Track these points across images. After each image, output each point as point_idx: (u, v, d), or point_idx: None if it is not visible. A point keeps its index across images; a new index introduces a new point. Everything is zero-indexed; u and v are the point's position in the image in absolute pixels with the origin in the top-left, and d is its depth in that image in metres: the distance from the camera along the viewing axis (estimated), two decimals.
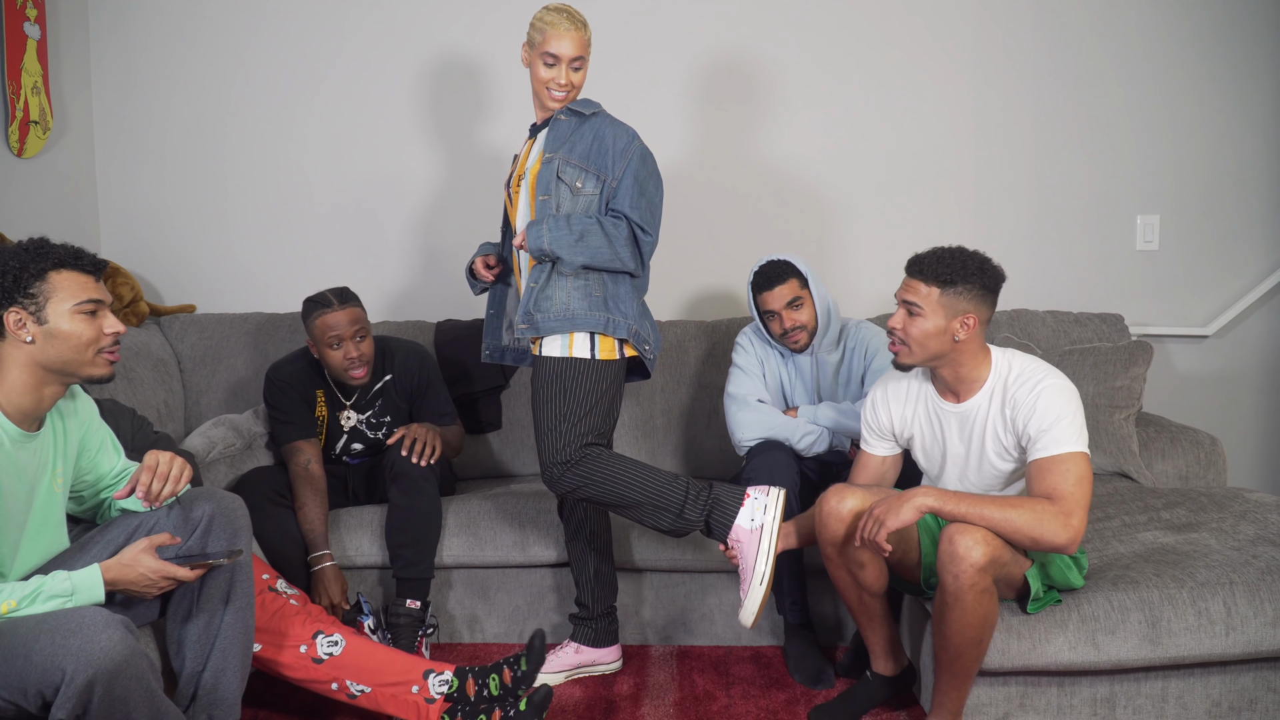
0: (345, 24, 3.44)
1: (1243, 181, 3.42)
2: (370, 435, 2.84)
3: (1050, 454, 1.99)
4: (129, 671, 1.59)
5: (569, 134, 2.37)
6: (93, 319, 1.80)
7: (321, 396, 2.79)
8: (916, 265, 2.11)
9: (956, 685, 2.05)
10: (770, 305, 2.65)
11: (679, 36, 3.41)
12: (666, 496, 2.28)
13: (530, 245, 2.31)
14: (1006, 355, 2.14)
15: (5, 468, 1.74)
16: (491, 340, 2.62)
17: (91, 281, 1.83)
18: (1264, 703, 2.15)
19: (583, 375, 2.31)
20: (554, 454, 2.28)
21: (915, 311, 2.07)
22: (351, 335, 2.67)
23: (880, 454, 2.32)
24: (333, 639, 2.20)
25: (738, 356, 2.77)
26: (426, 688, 2.16)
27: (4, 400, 1.76)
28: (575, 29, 2.36)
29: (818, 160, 3.45)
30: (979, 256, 2.10)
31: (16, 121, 3.03)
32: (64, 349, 1.78)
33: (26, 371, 1.77)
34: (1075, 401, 2.04)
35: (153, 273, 3.52)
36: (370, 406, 2.82)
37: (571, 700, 2.46)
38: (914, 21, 3.40)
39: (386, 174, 3.48)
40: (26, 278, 1.76)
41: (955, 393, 2.16)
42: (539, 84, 2.39)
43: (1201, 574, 2.14)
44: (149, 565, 1.78)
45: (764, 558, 2.22)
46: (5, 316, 1.75)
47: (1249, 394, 3.50)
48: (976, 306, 2.07)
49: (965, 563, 1.91)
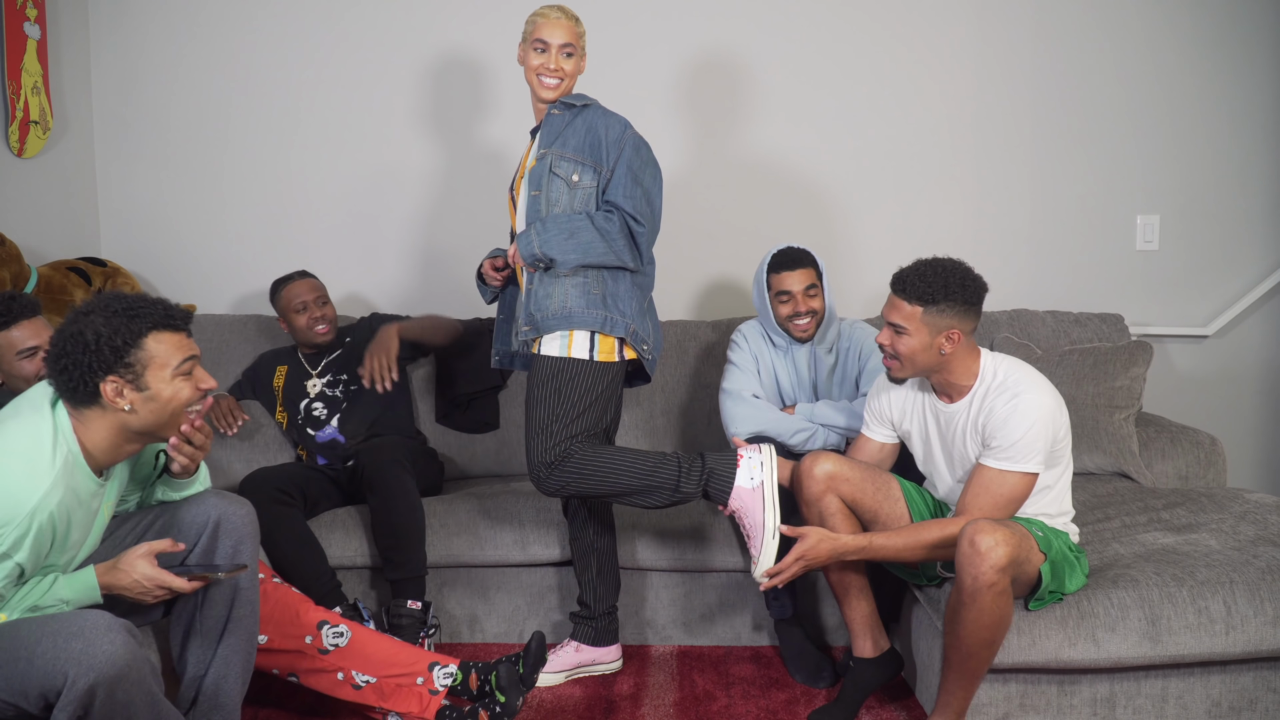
0: (345, 24, 3.44)
1: (1243, 181, 3.42)
2: (330, 393, 3.02)
3: (995, 466, 2.07)
4: (131, 677, 1.59)
5: (562, 128, 2.37)
6: (189, 379, 1.78)
7: (283, 371, 3.07)
8: (900, 283, 2.14)
9: (965, 685, 2.05)
10: (788, 286, 2.67)
11: (678, 33, 3.41)
12: (659, 475, 2.28)
13: (522, 253, 2.30)
14: (995, 361, 2.16)
15: (79, 520, 1.75)
16: (501, 345, 2.59)
17: (185, 339, 1.78)
18: (1264, 703, 2.15)
19: (579, 376, 2.30)
20: (542, 454, 2.27)
21: (900, 330, 2.12)
22: (314, 299, 3.00)
23: (879, 440, 2.36)
24: (338, 629, 2.20)
25: (733, 353, 2.77)
26: (431, 679, 2.17)
27: (89, 455, 1.74)
28: (566, 19, 2.39)
29: (817, 160, 3.45)
30: (960, 270, 2.13)
31: (16, 121, 3.03)
32: (161, 414, 1.75)
33: (114, 433, 1.75)
34: (1045, 422, 2.06)
35: (153, 273, 3.52)
36: (330, 370, 3.04)
37: (571, 700, 2.46)
38: (915, 20, 3.40)
39: (387, 174, 3.48)
40: (122, 346, 1.70)
41: (948, 395, 2.20)
42: (531, 73, 2.38)
43: (1201, 573, 2.14)
44: (144, 572, 1.77)
45: (770, 511, 2.22)
46: (102, 386, 1.70)
47: (1249, 394, 3.50)
48: (959, 321, 2.10)
49: (986, 562, 1.92)
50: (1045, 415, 2.06)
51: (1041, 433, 2.05)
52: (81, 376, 1.68)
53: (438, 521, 2.73)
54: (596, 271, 2.34)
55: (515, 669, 2.21)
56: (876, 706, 2.37)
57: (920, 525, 2.13)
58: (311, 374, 3.04)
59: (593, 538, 2.55)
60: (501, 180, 3.38)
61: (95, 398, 1.71)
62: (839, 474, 2.23)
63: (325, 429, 2.97)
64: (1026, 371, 2.13)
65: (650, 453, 2.32)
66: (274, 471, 2.73)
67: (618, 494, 2.29)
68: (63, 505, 1.69)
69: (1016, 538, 1.95)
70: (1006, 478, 2.06)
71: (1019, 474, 2.06)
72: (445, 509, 2.76)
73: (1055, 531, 2.13)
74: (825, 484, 2.23)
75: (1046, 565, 2.03)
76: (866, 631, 2.33)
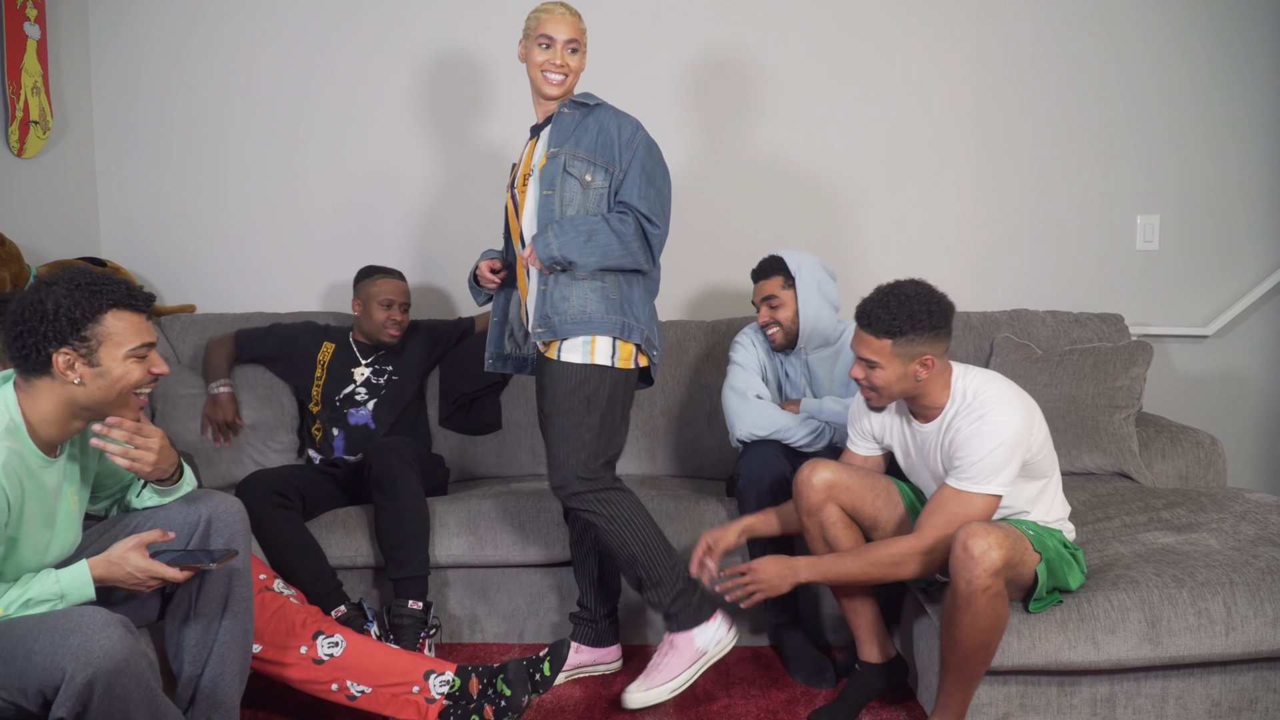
0: (346, 24, 3.44)
1: (1243, 181, 3.42)
2: (375, 381, 3.07)
3: (955, 486, 2.06)
4: (129, 671, 1.59)
5: (573, 127, 2.34)
6: (142, 362, 1.77)
7: (330, 349, 3.10)
8: (864, 317, 2.10)
9: (963, 687, 2.05)
10: (756, 295, 2.76)
11: (677, 34, 3.41)
12: (659, 571, 2.31)
13: (540, 255, 2.26)
14: (966, 380, 2.13)
15: (32, 491, 1.74)
16: (495, 348, 2.57)
17: (144, 322, 1.78)
18: (1264, 703, 2.14)
19: (606, 383, 2.29)
20: (577, 466, 2.26)
21: (873, 365, 2.10)
22: (400, 303, 3.07)
23: (863, 453, 2.35)
24: (333, 639, 2.19)
25: (737, 354, 2.77)
26: (428, 688, 2.16)
27: (34, 428, 1.75)
28: (570, 14, 2.37)
29: (817, 160, 3.45)
30: (923, 295, 2.08)
31: (16, 121, 3.03)
32: (108, 391, 1.75)
33: (60, 407, 1.74)
34: (1010, 444, 2.02)
35: (153, 273, 3.52)
36: (376, 362, 3.10)
37: (571, 700, 2.46)
38: (914, 22, 3.40)
39: (387, 174, 3.48)
40: (80, 319, 1.70)
41: (923, 416, 2.18)
42: (535, 69, 2.35)
43: (1201, 574, 2.14)
44: (136, 564, 1.77)
45: (687, 677, 2.32)
46: (55, 357, 1.70)
47: (1249, 394, 3.50)
48: (930, 346, 2.08)
49: (980, 566, 1.91)
50: (1010, 436, 2.02)
51: (1006, 454, 2.02)
52: (35, 345, 1.69)
53: (438, 522, 2.73)
54: (614, 276, 2.32)
55: (526, 669, 2.20)
56: (877, 707, 2.37)
57: (872, 545, 2.14)
58: (361, 362, 3.08)
59: (593, 542, 2.55)
60: (502, 180, 3.38)
61: (46, 368, 1.71)
62: (838, 482, 2.22)
63: (361, 410, 3.01)
64: (996, 389, 2.09)
65: (670, 549, 2.34)
66: (272, 474, 2.73)
67: (616, 549, 2.31)
68: (9, 468, 1.68)
69: (1010, 540, 1.95)
70: (965, 498, 2.04)
71: (980, 495, 2.04)
72: (446, 509, 2.76)
73: (1048, 530, 2.13)
74: (825, 493, 2.22)
75: (1042, 565, 2.03)
76: (873, 638, 2.33)
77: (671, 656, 2.33)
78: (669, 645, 2.35)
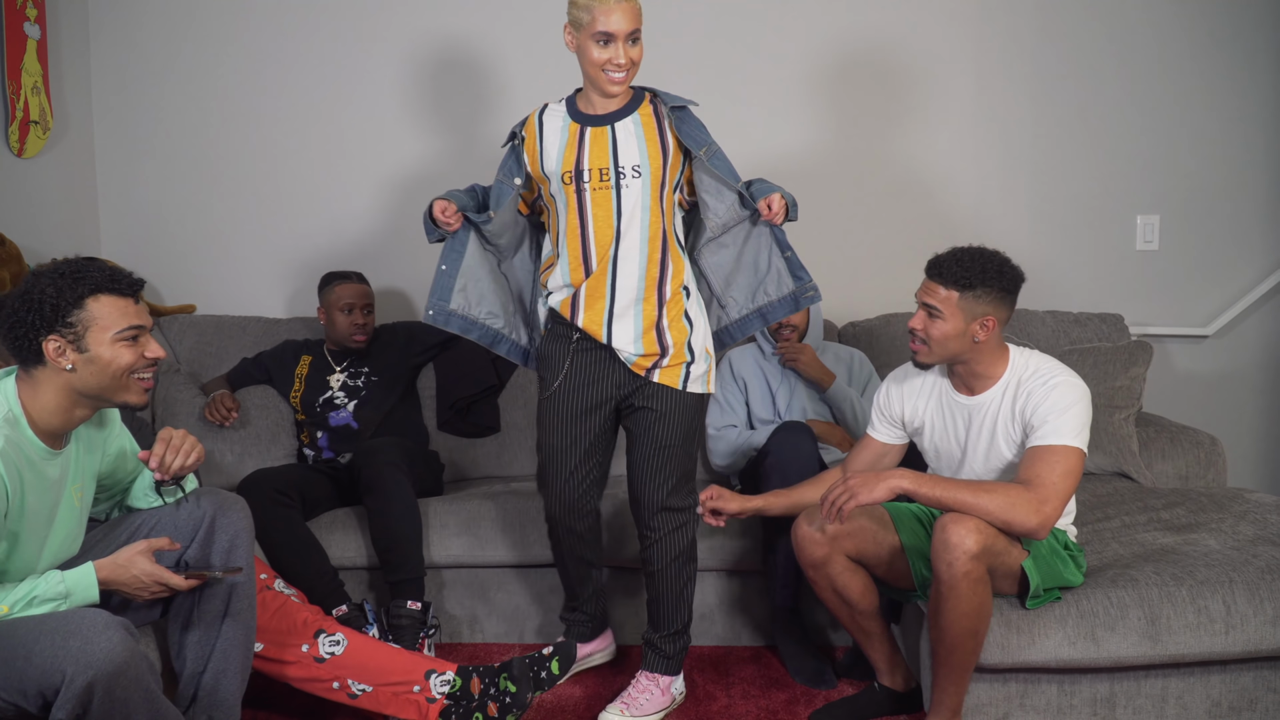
0: (346, 24, 3.43)
1: (1243, 181, 3.42)
2: (351, 384, 3.07)
3: (1045, 443, 2.02)
4: (129, 674, 1.59)
5: (698, 127, 2.29)
6: (134, 344, 1.78)
7: (308, 361, 3.12)
8: (936, 268, 2.12)
9: (955, 680, 2.05)
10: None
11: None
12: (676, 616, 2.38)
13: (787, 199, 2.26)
14: (1026, 355, 2.15)
15: (32, 483, 1.74)
16: (438, 299, 2.30)
17: (131, 305, 1.79)
18: (1264, 703, 2.15)
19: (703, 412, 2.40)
20: (671, 497, 2.30)
21: (935, 314, 2.09)
22: (361, 306, 3.05)
23: (884, 440, 2.33)
24: (335, 638, 2.19)
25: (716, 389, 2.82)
26: (428, 687, 2.16)
27: (35, 419, 1.76)
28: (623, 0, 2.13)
29: (816, 160, 3.45)
30: (998, 258, 2.12)
31: (16, 121, 3.03)
32: (102, 376, 1.75)
33: (61, 395, 1.76)
34: (1084, 402, 2.06)
35: (153, 273, 3.51)
36: (351, 366, 3.10)
37: (571, 700, 2.46)
38: (913, 21, 3.39)
39: (388, 175, 3.48)
40: (64, 305, 1.72)
41: (970, 387, 2.17)
42: (593, 67, 2.15)
43: (1201, 573, 2.14)
44: (143, 568, 1.77)
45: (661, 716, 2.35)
46: (44, 345, 1.72)
47: (1249, 394, 3.50)
48: (995, 308, 2.09)
49: (958, 550, 1.92)
50: (1086, 396, 2.06)
51: (1085, 412, 2.04)
52: (26, 335, 1.72)
53: (438, 522, 2.73)
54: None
55: (530, 666, 2.20)
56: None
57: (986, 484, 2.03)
58: (335, 369, 3.08)
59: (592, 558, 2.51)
60: None
61: (40, 357, 1.73)
62: (839, 531, 2.16)
63: (341, 413, 3.01)
64: (1058, 363, 2.13)
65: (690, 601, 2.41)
66: (272, 473, 2.73)
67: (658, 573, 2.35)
68: (7, 457, 1.69)
69: (989, 528, 1.95)
70: (1060, 451, 2.00)
71: (1074, 448, 2.01)
72: (445, 509, 2.75)
73: None
74: (828, 545, 2.17)
75: (1029, 561, 2.03)
76: (895, 670, 2.33)
77: (655, 691, 2.36)
78: (652, 682, 2.36)
